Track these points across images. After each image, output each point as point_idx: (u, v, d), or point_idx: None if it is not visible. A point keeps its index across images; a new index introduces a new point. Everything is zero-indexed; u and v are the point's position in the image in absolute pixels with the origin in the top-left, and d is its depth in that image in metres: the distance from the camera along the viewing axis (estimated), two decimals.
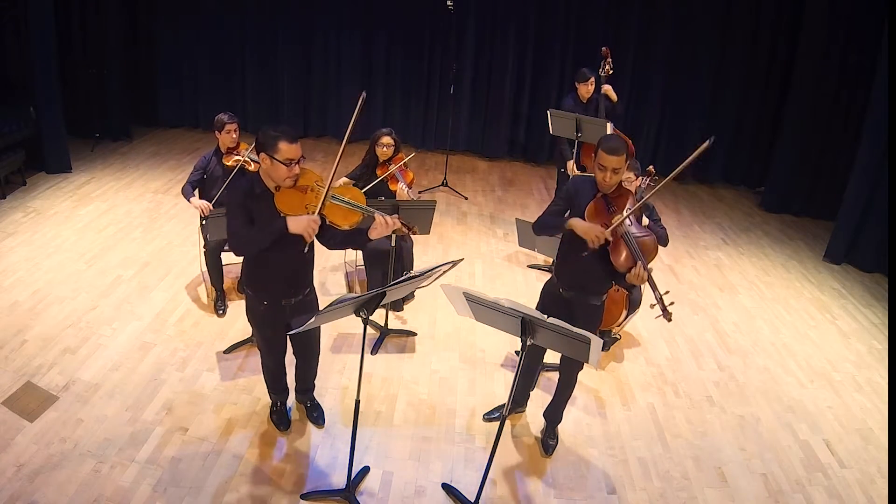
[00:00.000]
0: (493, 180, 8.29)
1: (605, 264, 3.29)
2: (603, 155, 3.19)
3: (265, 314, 3.30)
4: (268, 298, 3.27)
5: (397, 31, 8.75)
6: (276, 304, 3.28)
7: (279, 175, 2.99)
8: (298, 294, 3.31)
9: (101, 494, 3.14)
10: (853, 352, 5.02)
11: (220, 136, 4.66)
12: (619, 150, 3.17)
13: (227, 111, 4.74)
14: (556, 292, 3.50)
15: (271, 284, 3.24)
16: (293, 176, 3.01)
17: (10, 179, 6.66)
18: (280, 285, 3.24)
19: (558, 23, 8.46)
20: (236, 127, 4.68)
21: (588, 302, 3.44)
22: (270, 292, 3.26)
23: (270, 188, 3.07)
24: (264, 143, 2.96)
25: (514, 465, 3.61)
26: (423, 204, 4.54)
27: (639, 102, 8.59)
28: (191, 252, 5.56)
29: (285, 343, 3.51)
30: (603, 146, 3.20)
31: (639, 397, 4.26)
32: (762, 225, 7.52)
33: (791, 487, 3.60)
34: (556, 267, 3.54)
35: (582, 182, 3.41)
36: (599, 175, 3.24)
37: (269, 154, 2.96)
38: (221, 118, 4.67)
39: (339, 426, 3.78)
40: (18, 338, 4.27)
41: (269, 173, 3.02)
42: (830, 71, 7.25)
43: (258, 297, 3.29)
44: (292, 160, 2.97)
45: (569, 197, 3.41)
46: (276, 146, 2.93)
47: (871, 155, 6.21)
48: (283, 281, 3.23)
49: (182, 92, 9.14)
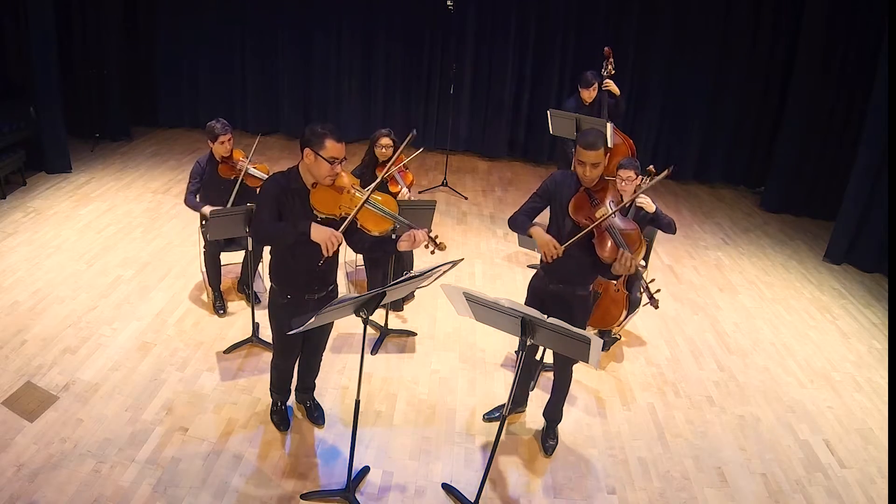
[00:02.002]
0: (493, 180, 8.29)
1: (590, 256, 3.31)
2: (581, 150, 3.22)
3: (287, 308, 3.29)
4: (291, 293, 3.28)
5: (397, 32, 8.76)
6: (299, 299, 3.28)
7: (321, 172, 3.01)
8: (322, 290, 3.32)
9: (101, 494, 3.14)
10: (853, 352, 5.02)
11: (214, 145, 4.57)
12: (596, 144, 3.19)
13: (220, 119, 4.59)
14: (542, 286, 3.51)
15: (296, 279, 3.25)
16: (334, 175, 3.03)
17: (10, 179, 6.66)
18: (304, 281, 3.25)
19: (558, 23, 8.46)
20: (230, 138, 4.57)
21: (575, 293, 3.46)
22: (294, 286, 3.27)
23: (307, 184, 3.08)
24: (311, 139, 2.98)
25: (514, 466, 3.61)
26: (423, 204, 4.54)
27: (639, 102, 8.59)
28: (191, 252, 5.56)
29: (301, 343, 3.51)
30: (580, 142, 3.23)
31: (639, 397, 4.26)
32: (762, 225, 7.52)
33: (791, 487, 3.60)
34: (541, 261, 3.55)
35: (562, 177, 3.42)
36: (580, 170, 3.27)
37: (314, 150, 2.97)
38: (214, 128, 4.53)
39: (339, 426, 3.77)
40: (18, 338, 4.27)
41: (311, 169, 3.04)
42: (830, 71, 7.25)
43: (282, 291, 3.30)
44: (336, 158, 2.99)
45: (548, 193, 3.42)
46: (323, 143, 2.95)
47: (871, 155, 6.21)
48: (308, 276, 3.23)
49: (182, 92, 9.14)
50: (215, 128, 4.54)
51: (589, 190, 3.31)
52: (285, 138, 9.11)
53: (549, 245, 3.25)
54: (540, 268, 3.55)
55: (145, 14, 8.80)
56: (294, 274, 3.24)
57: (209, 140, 4.58)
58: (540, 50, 8.63)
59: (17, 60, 6.94)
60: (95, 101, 8.12)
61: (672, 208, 7.65)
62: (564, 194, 3.35)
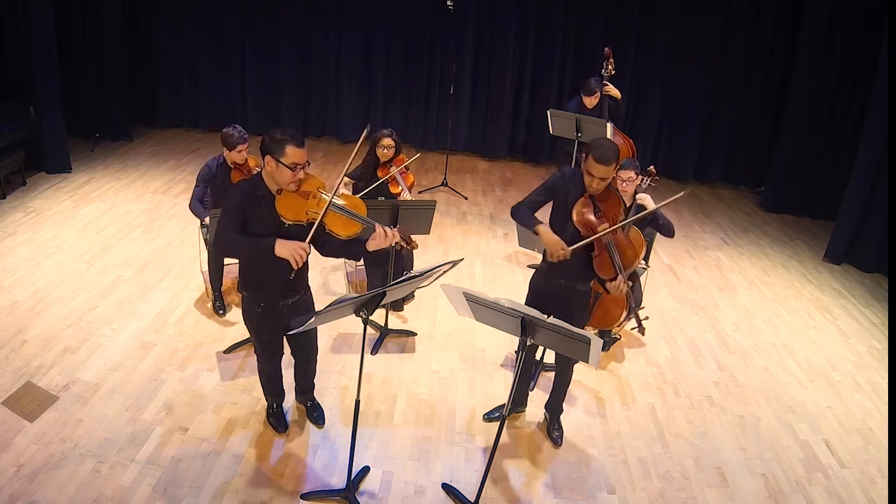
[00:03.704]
0: (493, 180, 8.29)
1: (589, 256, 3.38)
2: (592, 163, 3.17)
3: (262, 316, 3.29)
4: (264, 300, 3.26)
5: (397, 31, 8.76)
6: (272, 306, 3.27)
7: (283, 179, 2.97)
8: (295, 295, 3.30)
9: (101, 494, 3.14)
10: (853, 352, 5.02)
11: (230, 153, 4.43)
12: (609, 159, 3.15)
13: (236, 126, 4.45)
14: (543, 284, 3.52)
15: (267, 287, 3.22)
16: (297, 180, 2.99)
17: (10, 179, 6.66)
18: (276, 287, 3.22)
19: (558, 22, 8.46)
20: (247, 147, 4.43)
21: (576, 288, 3.48)
22: (267, 294, 3.25)
23: (272, 191, 3.04)
24: (271, 146, 2.94)
25: (514, 466, 3.61)
26: (423, 204, 4.54)
27: (639, 102, 8.59)
28: (191, 252, 5.56)
29: (282, 346, 3.50)
30: (593, 153, 3.17)
31: (639, 397, 4.26)
32: (762, 225, 7.52)
33: (791, 487, 3.60)
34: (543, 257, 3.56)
35: (571, 175, 3.40)
36: (587, 180, 3.25)
37: (274, 157, 2.93)
38: (232, 136, 4.37)
39: (339, 426, 3.77)
40: (18, 338, 4.27)
41: (273, 176, 3.00)
42: (830, 71, 7.25)
43: (255, 300, 3.27)
44: (298, 164, 2.94)
45: (554, 189, 3.41)
46: (283, 149, 2.91)
47: (871, 155, 6.21)
48: (279, 283, 3.19)
49: (182, 92, 9.13)
50: (233, 136, 4.37)
51: (594, 197, 3.31)
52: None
53: (557, 246, 3.26)
54: (543, 263, 3.55)
55: (145, 14, 8.80)
56: (265, 283, 3.21)
57: (225, 147, 4.43)
58: (540, 50, 8.63)
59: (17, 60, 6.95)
60: (95, 101, 8.12)
61: (672, 208, 7.62)
62: (570, 194, 3.34)
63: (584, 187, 3.31)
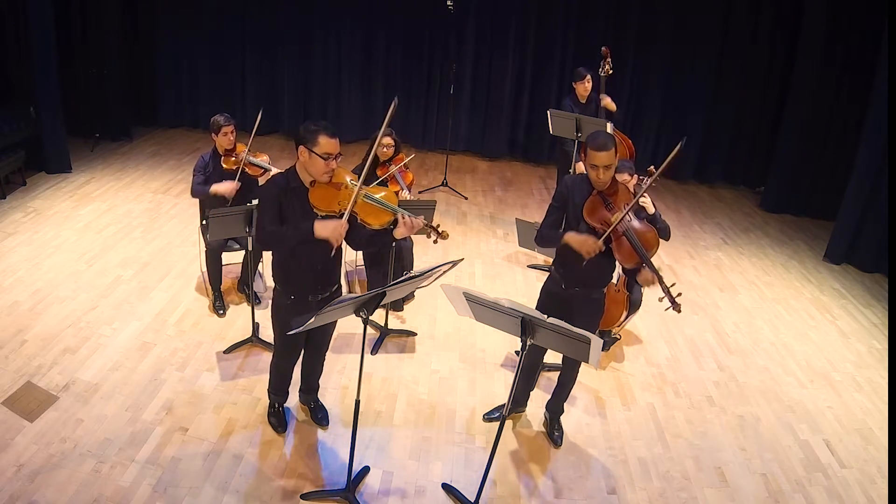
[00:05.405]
0: (493, 180, 8.29)
1: (610, 260, 3.37)
2: (592, 153, 3.20)
3: (291, 309, 3.29)
4: (295, 293, 3.28)
5: (397, 31, 8.76)
6: (302, 300, 3.28)
7: (317, 169, 3.01)
8: (326, 291, 3.32)
9: (101, 494, 3.14)
10: (853, 352, 5.02)
11: (217, 138, 4.63)
12: (606, 145, 3.18)
13: (223, 112, 4.70)
14: (557, 290, 3.51)
15: (299, 280, 3.25)
16: (330, 171, 3.03)
17: (10, 179, 6.66)
18: (307, 281, 3.25)
19: (558, 23, 8.46)
20: (233, 129, 4.64)
21: (590, 296, 3.48)
22: (298, 287, 3.27)
23: (305, 183, 3.09)
24: (304, 137, 2.98)
25: (515, 466, 3.61)
26: (423, 204, 4.54)
27: (639, 102, 8.60)
28: (191, 252, 5.56)
29: (302, 345, 3.52)
30: (591, 144, 3.20)
31: (639, 397, 4.26)
32: (762, 225, 7.52)
33: (791, 487, 3.60)
34: (556, 268, 3.54)
35: (574, 181, 3.42)
36: (592, 174, 3.26)
37: (308, 147, 2.98)
38: (217, 120, 4.62)
39: (339, 426, 3.77)
40: (18, 338, 4.27)
41: (307, 167, 3.04)
42: (830, 71, 7.25)
43: (285, 292, 3.30)
44: (331, 154, 2.99)
45: (563, 198, 3.41)
46: (316, 139, 2.96)
47: (871, 155, 6.21)
48: (311, 277, 3.24)
49: (182, 92, 9.14)
50: (218, 120, 4.62)
51: (602, 193, 3.31)
52: (285, 138, 9.10)
53: (589, 242, 3.21)
54: (554, 271, 3.54)
55: (145, 14, 8.80)
56: (296, 274, 3.25)
57: (213, 133, 4.63)
58: (540, 50, 8.63)
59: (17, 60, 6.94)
60: (95, 101, 8.11)
61: (672, 208, 7.65)
62: (578, 197, 3.35)
63: (590, 188, 3.31)
